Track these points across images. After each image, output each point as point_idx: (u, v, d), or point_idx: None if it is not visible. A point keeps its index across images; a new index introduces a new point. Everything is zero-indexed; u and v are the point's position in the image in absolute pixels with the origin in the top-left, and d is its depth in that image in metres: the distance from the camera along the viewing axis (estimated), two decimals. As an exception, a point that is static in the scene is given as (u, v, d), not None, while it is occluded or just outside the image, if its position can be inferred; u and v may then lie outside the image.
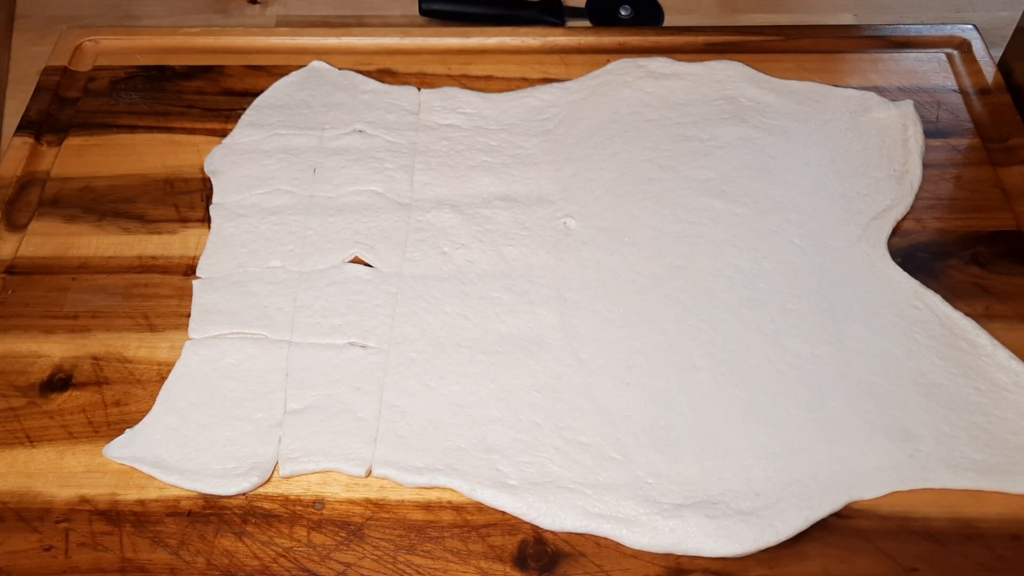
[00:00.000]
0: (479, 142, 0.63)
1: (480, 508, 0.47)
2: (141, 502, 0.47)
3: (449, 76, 0.68)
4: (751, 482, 0.47)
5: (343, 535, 0.46)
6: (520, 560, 0.45)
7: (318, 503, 0.47)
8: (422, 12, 0.75)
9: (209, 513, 0.47)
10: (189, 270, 0.57)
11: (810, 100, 0.64)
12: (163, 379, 0.51)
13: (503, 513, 0.46)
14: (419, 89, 0.67)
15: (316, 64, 0.68)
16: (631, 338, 0.52)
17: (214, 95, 0.67)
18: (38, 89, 0.67)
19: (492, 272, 0.56)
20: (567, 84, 0.67)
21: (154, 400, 0.51)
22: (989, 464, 0.47)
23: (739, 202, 0.58)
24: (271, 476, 0.48)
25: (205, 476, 0.47)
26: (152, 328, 0.54)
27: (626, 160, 0.61)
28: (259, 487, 0.48)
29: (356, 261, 0.57)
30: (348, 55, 0.69)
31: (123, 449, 0.49)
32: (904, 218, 0.58)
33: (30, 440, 0.50)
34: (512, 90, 0.67)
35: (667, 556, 0.45)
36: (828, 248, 0.56)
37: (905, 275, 0.55)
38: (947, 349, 0.51)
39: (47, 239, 0.59)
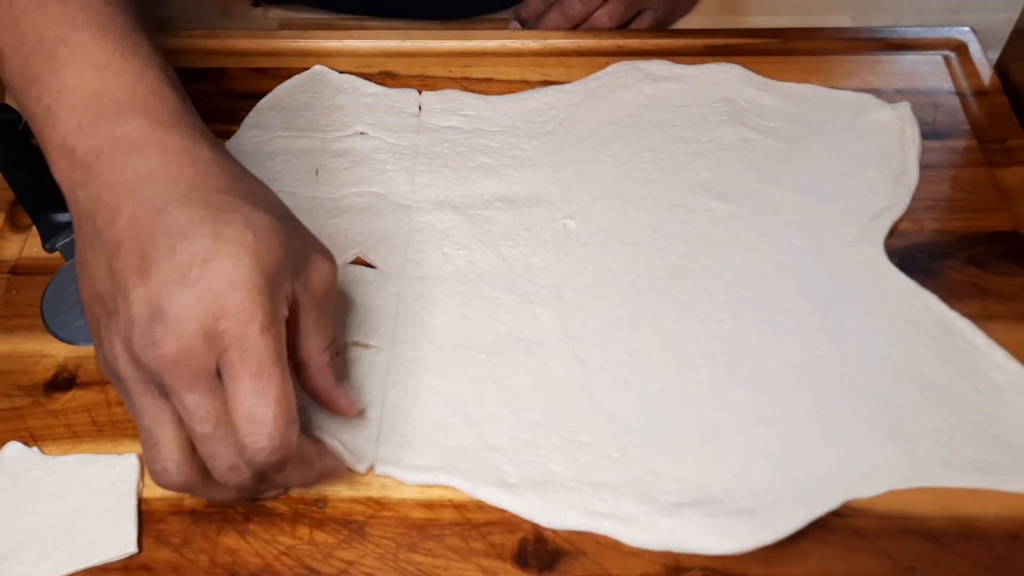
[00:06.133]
0: (479, 144, 0.63)
1: (481, 506, 0.47)
2: (144, 500, 0.47)
3: (450, 78, 0.68)
4: (750, 481, 0.47)
5: (345, 533, 0.46)
6: (520, 558, 0.45)
7: (320, 502, 0.47)
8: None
9: (212, 511, 0.47)
10: (192, 271, 0.57)
11: (808, 102, 0.65)
12: (166, 379, 0.52)
13: (504, 511, 0.47)
14: (420, 91, 0.67)
15: (318, 68, 0.68)
16: (631, 338, 0.53)
17: (217, 97, 0.67)
18: (41, 91, 0.68)
19: (492, 272, 0.56)
20: (567, 86, 0.67)
21: (157, 400, 0.51)
22: (987, 463, 0.47)
23: (738, 203, 0.59)
24: None
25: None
26: (155, 328, 0.54)
27: (625, 162, 0.62)
28: None
29: (358, 262, 0.57)
30: (350, 57, 0.70)
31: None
32: (901, 219, 0.58)
33: (34, 439, 0.50)
34: (512, 92, 0.67)
35: (666, 554, 0.45)
36: (826, 249, 0.56)
37: (903, 276, 0.55)
38: (945, 349, 0.52)
39: (51, 240, 0.59)
